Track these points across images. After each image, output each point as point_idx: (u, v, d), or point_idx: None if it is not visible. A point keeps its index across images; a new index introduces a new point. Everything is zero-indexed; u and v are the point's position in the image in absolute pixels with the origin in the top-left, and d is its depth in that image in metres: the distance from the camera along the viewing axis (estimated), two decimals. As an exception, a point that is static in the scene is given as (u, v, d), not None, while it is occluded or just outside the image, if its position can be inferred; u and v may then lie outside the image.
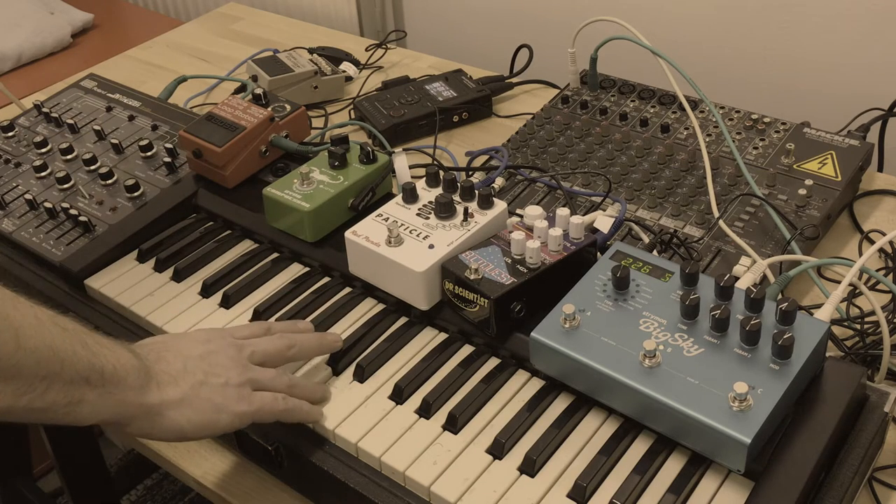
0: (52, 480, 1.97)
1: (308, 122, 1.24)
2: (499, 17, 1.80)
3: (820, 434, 0.76)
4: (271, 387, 0.85)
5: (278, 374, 0.86)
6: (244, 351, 0.85)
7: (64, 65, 1.91)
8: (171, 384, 0.79)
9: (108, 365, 0.75)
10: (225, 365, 0.83)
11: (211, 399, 0.80)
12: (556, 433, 0.82)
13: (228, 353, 0.84)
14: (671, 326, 0.82)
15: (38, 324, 0.71)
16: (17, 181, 1.23)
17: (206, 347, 0.84)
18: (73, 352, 0.73)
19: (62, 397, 0.72)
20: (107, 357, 0.75)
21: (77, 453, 1.59)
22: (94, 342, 0.76)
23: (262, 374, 0.85)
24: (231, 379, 0.82)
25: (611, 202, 1.11)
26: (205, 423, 0.80)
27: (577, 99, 1.34)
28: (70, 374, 0.72)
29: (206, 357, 0.83)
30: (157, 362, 0.80)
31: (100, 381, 0.74)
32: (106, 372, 0.74)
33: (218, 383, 0.81)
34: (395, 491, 0.81)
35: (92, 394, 0.74)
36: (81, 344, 0.74)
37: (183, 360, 0.81)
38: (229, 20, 1.88)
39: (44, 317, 0.73)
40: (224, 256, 1.10)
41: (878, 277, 0.91)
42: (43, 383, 0.70)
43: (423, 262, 0.91)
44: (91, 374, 0.73)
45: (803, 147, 1.17)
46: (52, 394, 0.71)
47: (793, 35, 1.45)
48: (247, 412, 0.81)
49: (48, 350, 0.71)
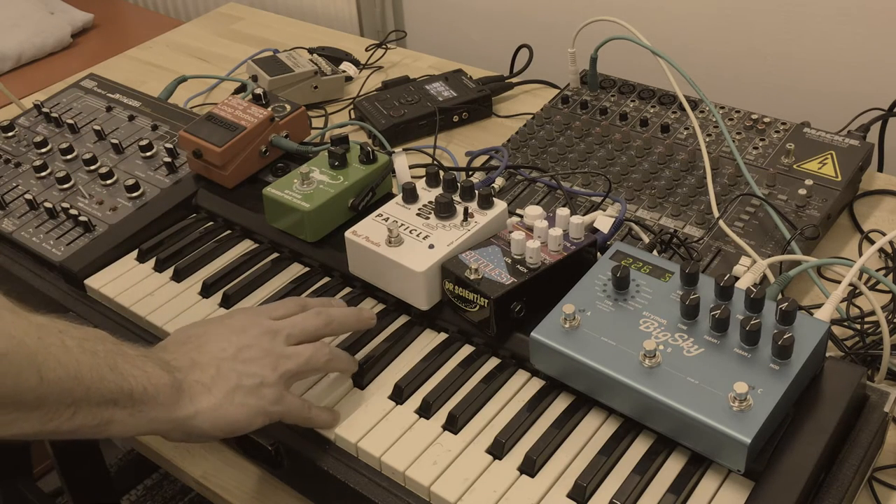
0: (52, 480, 1.97)
1: (308, 122, 1.24)
2: (499, 17, 1.79)
3: (820, 434, 0.76)
4: (308, 371, 0.85)
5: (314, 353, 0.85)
6: (279, 336, 0.84)
7: (64, 65, 1.91)
8: (203, 394, 0.79)
9: (139, 386, 0.75)
10: (259, 360, 0.82)
11: (245, 403, 0.80)
12: (556, 433, 0.82)
13: (263, 345, 0.83)
14: (671, 326, 0.82)
15: (63, 353, 0.71)
16: (17, 181, 1.23)
17: (239, 341, 0.83)
18: (101, 377, 0.73)
19: (90, 420, 0.73)
20: (137, 378, 0.75)
21: (77, 453, 1.59)
22: (125, 362, 0.75)
23: (297, 359, 0.84)
24: (266, 378, 0.81)
25: (611, 202, 1.11)
26: (240, 427, 0.80)
27: (577, 99, 1.34)
28: (97, 398, 0.72)
29: (239, 354, 0.82)
30: (191, 371, 0.80)
31: (129, 402, 0.74)
32: (136, 393, 0.75)
33: (252, 385, 0.81)
34: (395, 491, 0.81)
35: (121, 413, 0.74)
36: (110, 367, 0.74)
37: (217, 363, 0.81)
38: (229, 20, 1.88)
39: (72, 343, 0.72)
40: (224, 256, 1.10)
41: (878, 277, 0.91)
42: (69, 409, 0.71)
43: (423, 262, 0.91)
44: (120, 396, 0.74)
45: (803, 147, 1.17)
46: (80, 418, 0.72)
47: (793, 35, 1.45)
48: (276, 412, 0.82)
49: (73, 381, 0.71)
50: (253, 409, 0.80)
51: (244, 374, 0.81)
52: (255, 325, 0.85)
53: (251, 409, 0.80)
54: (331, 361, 0.86)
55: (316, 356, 0.85)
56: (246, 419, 0.80)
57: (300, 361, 0.84)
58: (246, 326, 0.85)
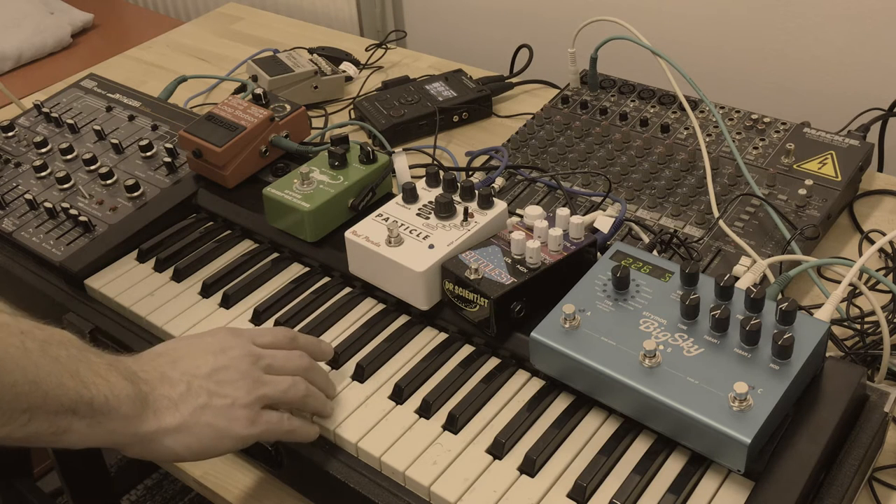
0: (52, 480, 1.97)
1: (308, 122, 1.24)
2: (499, 17, 1.80)
3: (820, 434, 0.76)
4: (283, 401, 0.81)
5: (292, 385, 0.82)
6: (260, 362, 0.81)
7: (64, 65, 1.91)
8: (169, 410, 0.75)
9: (100, 395, 0.71)
10: (234, 383, 0.78)
11: (212, 424, 0.76)
12: (556, 433, 0.82)
13: (241, 368, 0.80)
14: (671, 326, 0.82)
15: (22, 355, 0.68)
16: (17, 181, 1.23)
17: (216, 361, 0.79)
18: (60, 383, 0.69)
19: (46, 427, 0.69)
20: (98, 387, 0.72)
21: (77, 453, 1.59)
22: (88, 370, 0.72)
23: (274, 387, 0.81)
24: (238, 399, 0.78)
25: (611, 202, 1.11)
26: (203, 449, 0.77)
27: (577, 99, 1.34)
28: (55, 406, 0.69)
29: (213, 375, 0.78)
30: (159, 385, 0.76)
31: (88, 411, 0.71)
32: (96, 403, 0.71)
33: (223, 405, 0.77)
34: (395, 491, 0.81)
35: (80, 423, 0.71)
36: (71, 374, 0.70)
37: (188, 380, 0.77)
38: (229, 20, 1.88)
39: (33, 345, 0.70)
40: (224, 256, 1.10)
41: (878, 277, 0.91)
42: (24, 415, 0.68)
43: (423, 262, 0.91)
44: (78, 405, 0.70)
45: (803, 147, 1.17)
46: (35, 425, 0.68)
47: (793, 35, 1.45)
48: (251, 435, 0.78)
49: (30, 384, 0.67)
50: (220, 432, 0.76)
51: (215, 394, 0.77)
52: (236, 347, 0.81)
53: (218, 431, 0.76)
54: (307, 398, 0.83)
55: (294, 389, 0.82)
56: (211, 442, 0.76)
57: (278, 390, 0.81)
58: (226, 347, 0.81)
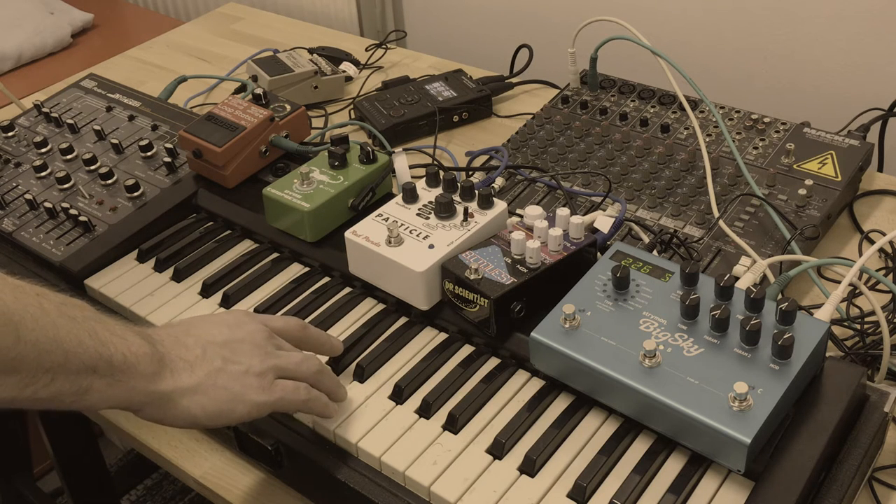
0: (52, 480, 1.97)
1: (308, 122, 1.24)
2: (499, 17, 1.79)
3: (820, 434, 0.76)
4: (296, 373, 0.82)
5: (305, 359, 0.84)
6: (272, 340, 0.83)
7: (64, 65, 1.91)
8: (185, 370, 0.76)
9: (118, 353, 0.73)
10: (248, 352, 0.80)
11: (228, 387, 0.77)
12: (556, 433, 0.82)
13: (255, 340, 0.81)
14: (671, 326, 0.82)
15: (42, 314, 0.69)
16: (17, 181, 1.23)
17: (231, 333, 0.81)
18: (79, 342, 0.71)
19: (68, 387, 0.70)
20: (116, 345, 0.73)
21: (77, 453, 1.59)
22: (105, 329, 0.73)
23: (287, 359, 0.82)
24: (252, 366, 0.79)
25: (611, 202, 1.11)
26: (219, 412, 0.77)
27: (577, 99, 1.34)
28: (76, 364, 0.70)
29: (228, 343, 0.80)
30: (175, 347, 0.77)
31: (108, 370, 0.72)
32: (115, 361, 0.72)
33: (237, 370, 0.78)
34: (395, 491, 0.81)
35: (100, 382, 0.71)
36: (89, 333, 0.72)
37: (203, 345, 0.79)
38: (229, 20, 1.88)
39: (50, 306, 0.70)
40: (224, 256, 1.10)
41: (878, 277, 0.91)
42: (47, 375, 0.69)
43: (423, 262, 0.91)
44: (98, 363, 0.71)
45: (803, 147, 1.17)
46: (58, 384, 0.70)
47: (793, 35, 1.45)
48: (266, 402, 0.79)
49: (51, 343, 0.69)
50: (235, 396, 0.77)
51: (229, 360, 0.79)
52: (250, 322, 0.83)
53: (233, 395, 0.77)
54: (321, 374, 0.84)
55: (306, 364, 0.83)
56: (226, 405, 0.77)
57: (291, 362, 0.82)
58: (241, 323, 0.83)
